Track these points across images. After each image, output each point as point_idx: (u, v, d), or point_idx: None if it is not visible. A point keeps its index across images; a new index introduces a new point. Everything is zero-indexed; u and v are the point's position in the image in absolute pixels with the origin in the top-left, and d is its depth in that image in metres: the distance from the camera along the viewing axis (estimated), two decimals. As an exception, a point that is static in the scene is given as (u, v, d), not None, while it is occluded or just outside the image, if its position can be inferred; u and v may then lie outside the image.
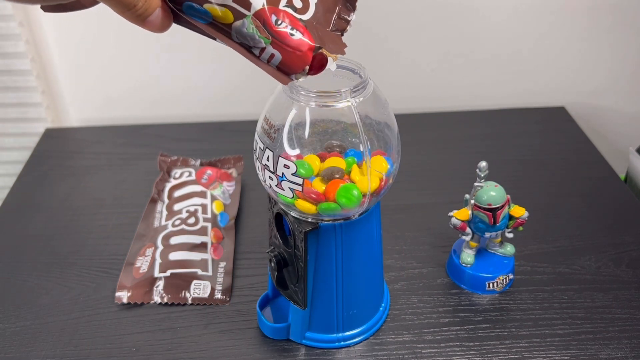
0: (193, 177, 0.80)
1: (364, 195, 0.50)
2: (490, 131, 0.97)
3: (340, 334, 0.60)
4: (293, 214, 0.53)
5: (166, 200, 0.78)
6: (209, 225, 0.73)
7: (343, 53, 0.45)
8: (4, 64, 0.94)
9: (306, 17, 0.44)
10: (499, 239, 0.67)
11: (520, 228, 0.65)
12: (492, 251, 0.68)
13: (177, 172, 0.82)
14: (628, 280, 0.68)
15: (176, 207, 0.76)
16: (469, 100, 1.03)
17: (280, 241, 0.57)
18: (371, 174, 0.50)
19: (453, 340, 0.61)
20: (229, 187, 0.81)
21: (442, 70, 1.00)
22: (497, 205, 0.61)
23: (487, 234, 0.65)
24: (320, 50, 0.44)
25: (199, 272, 0.67)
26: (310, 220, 0.52)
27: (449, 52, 0.98)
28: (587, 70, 1.01)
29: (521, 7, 0.94)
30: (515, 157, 0.90)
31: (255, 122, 0.54)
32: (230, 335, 0.62)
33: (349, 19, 0.46)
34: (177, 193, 0.78)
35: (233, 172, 0.84)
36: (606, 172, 0.86)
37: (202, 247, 0.70)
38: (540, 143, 0.93)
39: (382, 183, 0.51)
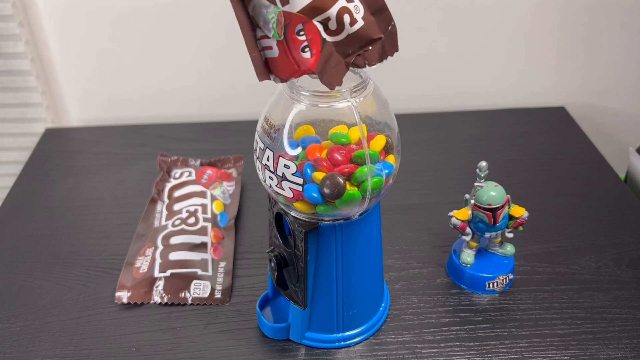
0: (193, 177, 0.80)
1: (364, 197, 0.50)
2: (490, 131, 0.97)
3: (340, 334, 0.60)
4: (293, 214, 0.53)
5: (166, 200, 0.78)
6: (209, 225, 0.73)
7: (332, 89, 0.45)
8: (3, 65, 0.94)
9: (331, 39, 0.43)
10: (499, 239, 0.67)
11: (520, 228, 0.65)
12: (492, 251, 0.68)
13: (177, 172, 0.82)
14: (628, 280, 0.68)
15: (176, 207, 0.76)
16: (469, 100, 1.03)
17: (280, 241, 0.57)
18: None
19: (453, 340, 0.61)
20: (229, 187, 0.81)
21: (442, 70, 1.00)
22: (497, 205, 0.61)
23: (487, 234, 0.65)
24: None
25: (199, 272, 0.67)
26: (310, 220, 0.52)
27: (449, 52, 0.98)
28: (587, 70, 1.01)
29: (521, 7, 0.94)
30: (515, 157, 0.90)
31: (255, 122, 0.54)
32: (230, 335, 0.62)
33: (372, 65, 0.46)
34: (177, 193, 0.78)
35: (233, 172, 0.84)
36: (606, 172, 0.86)
37: (202, 247, 0.70)
38: (540, 143, 0.93)
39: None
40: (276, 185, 0.50)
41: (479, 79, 1.01)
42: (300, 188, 0.49)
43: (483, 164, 0.63)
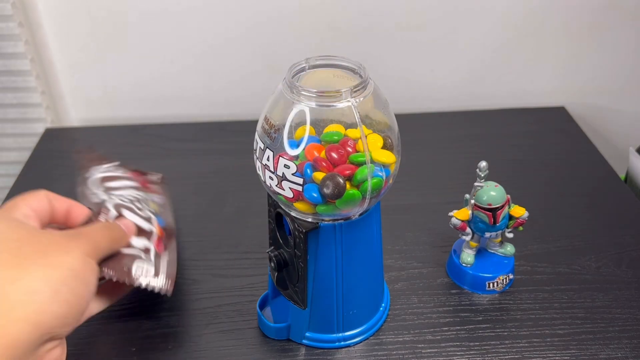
0: (126, 173, 0.68)
1: (364, 197, 0.50)
2: (490, 131, 0.97)
3: (340, 334, 0.60)
4: (293, 214, 0.53)
5: (100, 187, 0.64)
6: (153, 217, 0.62)
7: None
8: (3, 65, 0.94)
9: None
10: (499, 239, 0.67)
11: (521, 228, 0.65)
12: (492, 251, 0.68)
13: (103, 167, 0.69)
14: (628, 280, 0.68)
15: (117, 192, 0.63)
16: (469, 100, 1.03)
17: (281, 241, 0.57)
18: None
19: (453, 340, 0.61)
20: (156, 197, 0.68)
21: (442, 70, 1.00)
22: (497, 205, 0.61)
23: (487, 234, 0.65)
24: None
25: (143, 255, 0.56)
26: (310, 220, 0.52)
27: (448, 51, 0.98)
28: (587, 70, 1.01)
29: (521, 6, 0.94)
30: (515, 157, 0.90)
31: (255, 122, 0.54)
32: (230, 335, 0.62)
33: None
34: (113, 184, 0.65)
35: (153, 184, 0.71)
36: (606, 172, 0.86)
37: (147, 234, 0.59)
38: (540, 143, 0.93)
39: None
40: (276, 185, 0.50)
41: (479, 79, 1.01)
42: (300, 188, 0.49)
43: (483, 164, 0.63)
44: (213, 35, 0.95)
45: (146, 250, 0.59)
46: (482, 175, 0.63)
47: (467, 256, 0.67)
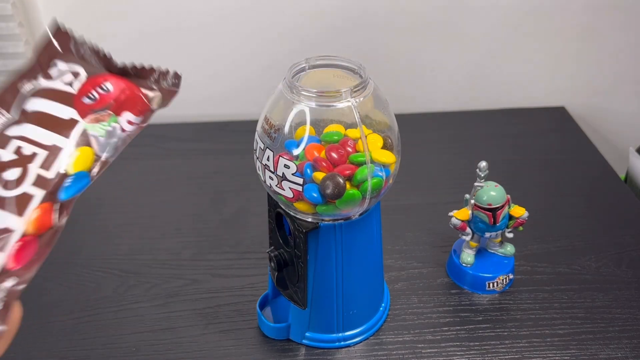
0: (74, 89, 0.39)
1: (364, 197, 0.50)
2: (490, 131, 0.97)
3: (341, 334, 0.60)
4: (293, 214, 0.53)
5: (13, 116, 0.37)
6: (38, 195, 0.35)
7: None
8: (3, 65, 0.94)
9: None
10: (499, 239, 0.67)
11: (521, 228, 0.65)
12: (492, 251, 0.68)
13: (62, 66, 0.40)
14: (628, 280, 0.68)
15: (10, 132, 0.36)
16: (469, 100, 1.03)
17: (281, 241, 0.57)
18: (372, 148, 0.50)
19: (453, 340, 0.61)
20: (130, 123, 0.42)
21: (442, 70, 1.00)
22: (497, 205, 0.61)
23: (487, 234, 0.65)
24: None
25: None
26: (310, 220, 0.52)
27: (449, 52, 0.98)
28: (587, 70, 1.01)
29: (521, 7, 0.94)
30: (515, 157, 0.90)
31: (255, 122, 0.54)
32: (230, 335, 0.62)
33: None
34: (32, 106, 0.37)
35: (155, 98, 0.42)
36: (606, 172, 0.86)
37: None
38: (540, 143, 0.93)
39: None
40: (276, 185, 0.50)
41: (479, 79, 1.01)
42: (300, 188, 0.49)
43: (483, 164, 0.63)
44: (213, 36, 0.95)
45: None
46: (482, 175, 0.63)
47: (467, 256, 0.67)
